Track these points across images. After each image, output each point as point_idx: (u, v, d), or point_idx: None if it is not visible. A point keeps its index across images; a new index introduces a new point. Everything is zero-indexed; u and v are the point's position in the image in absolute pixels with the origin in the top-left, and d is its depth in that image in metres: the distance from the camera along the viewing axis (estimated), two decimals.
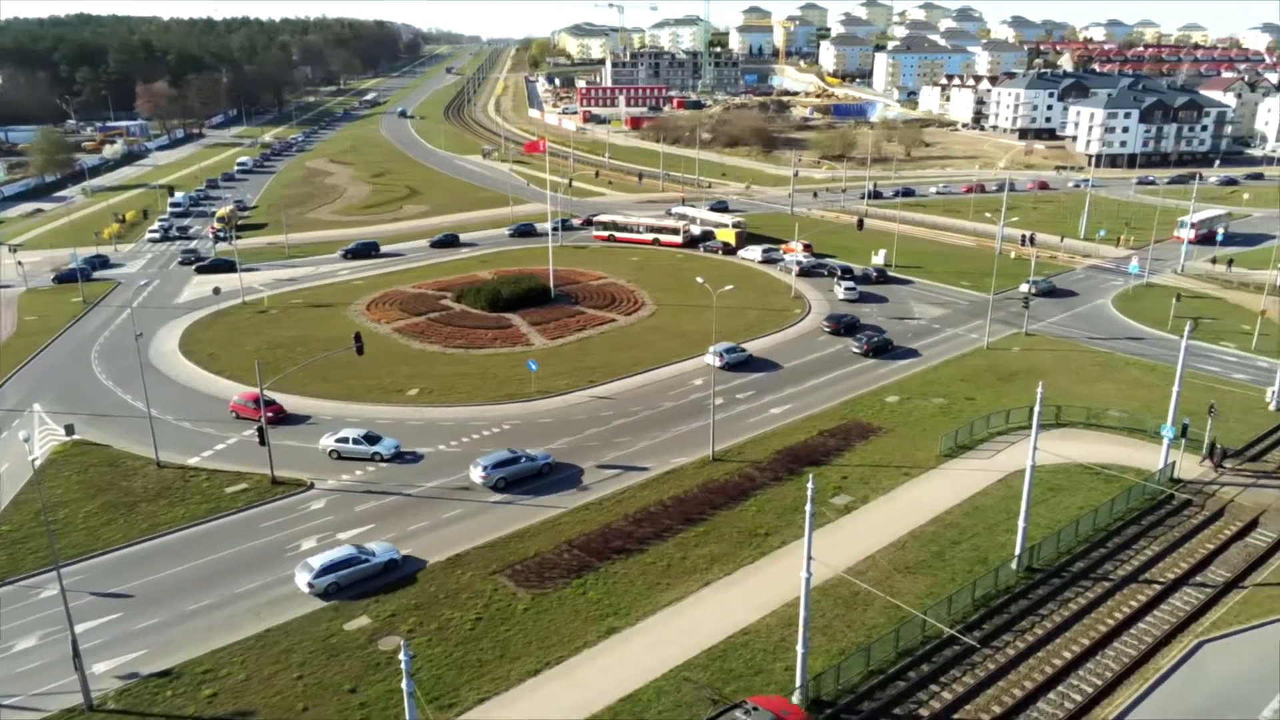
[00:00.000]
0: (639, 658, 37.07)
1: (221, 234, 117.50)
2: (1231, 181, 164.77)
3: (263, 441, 50.21)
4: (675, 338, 77.35)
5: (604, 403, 63.92)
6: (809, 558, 33.17)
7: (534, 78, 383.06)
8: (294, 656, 37.19)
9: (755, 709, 30.20)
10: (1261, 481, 51.81)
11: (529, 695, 35.15)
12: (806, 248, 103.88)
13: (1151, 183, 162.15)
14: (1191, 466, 53.42)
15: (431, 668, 36.42)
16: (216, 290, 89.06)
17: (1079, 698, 34.64)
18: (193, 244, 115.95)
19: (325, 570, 41.24)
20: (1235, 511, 48.57)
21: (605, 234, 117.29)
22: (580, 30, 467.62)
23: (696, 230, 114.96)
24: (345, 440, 54.91)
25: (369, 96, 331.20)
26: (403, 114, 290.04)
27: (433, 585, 41.97)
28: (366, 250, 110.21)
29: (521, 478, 51.70)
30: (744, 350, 72.24)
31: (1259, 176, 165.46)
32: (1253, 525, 47.18)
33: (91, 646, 37.19)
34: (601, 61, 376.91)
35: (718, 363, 69.12)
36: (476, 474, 51.33)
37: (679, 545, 45.43)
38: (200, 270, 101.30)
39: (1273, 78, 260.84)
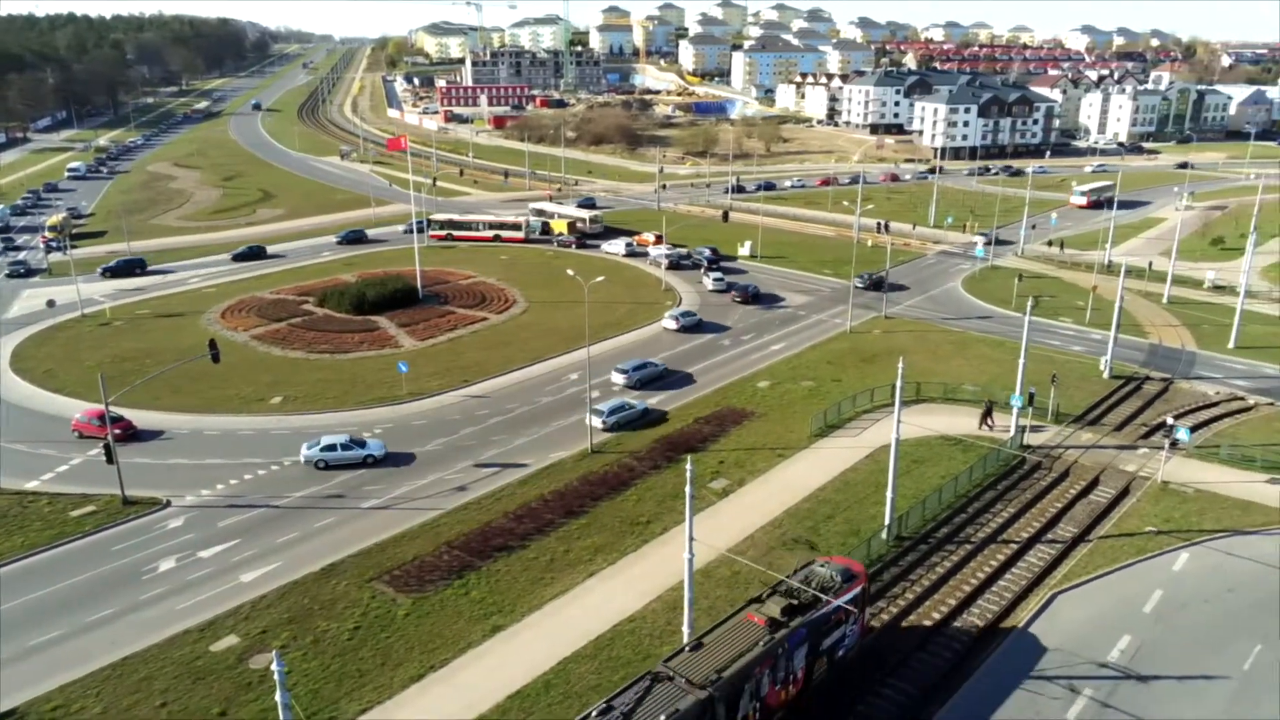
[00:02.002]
0: (525, 653, 36.64)
1: (55, 244, 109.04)
2: (1019, 173, 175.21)
3: (110, 460, 46.89)
4: (549, 334, 76.93)
5: (479, 401, 62.91)
6: (690, 539, 33.55)
7: (392, 77, 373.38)
8: (155, 684, 34.88)
9: (828, 563, 35.87)
10: (1101, 442, 55.95)
11: (413, 701, 34.17)
12: (658, 239, 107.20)
13: (986, 172, 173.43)
14: (1041, 432, 57.00)
15: (308, 682, 34.88)
16: (51, 303, 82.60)
17: (949, 654, 36.42)
18: (21, 255, 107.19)
19: (612, 412, 57.55)
20: (1079, 472, 52.19)
21: (442, 233, 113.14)
22: (438, 29, 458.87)
23: (536, 222, 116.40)
24: (333, 448, 52.47)
25: (201, 105, 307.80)
26: (256, 106, 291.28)
27: (305, 598, 40.24)
28: (130, 267, 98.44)
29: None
30: (695, 314, 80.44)
31: (1019, 172, 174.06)
32: (1094, 484, 50.79)
33: None
34: (461, 61, 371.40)
35: (674, 325, 78.05)
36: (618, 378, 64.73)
37: (561, 539, 45.18)
38: None
39: (1093, 75, 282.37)
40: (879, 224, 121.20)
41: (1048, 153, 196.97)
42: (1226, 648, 36.56)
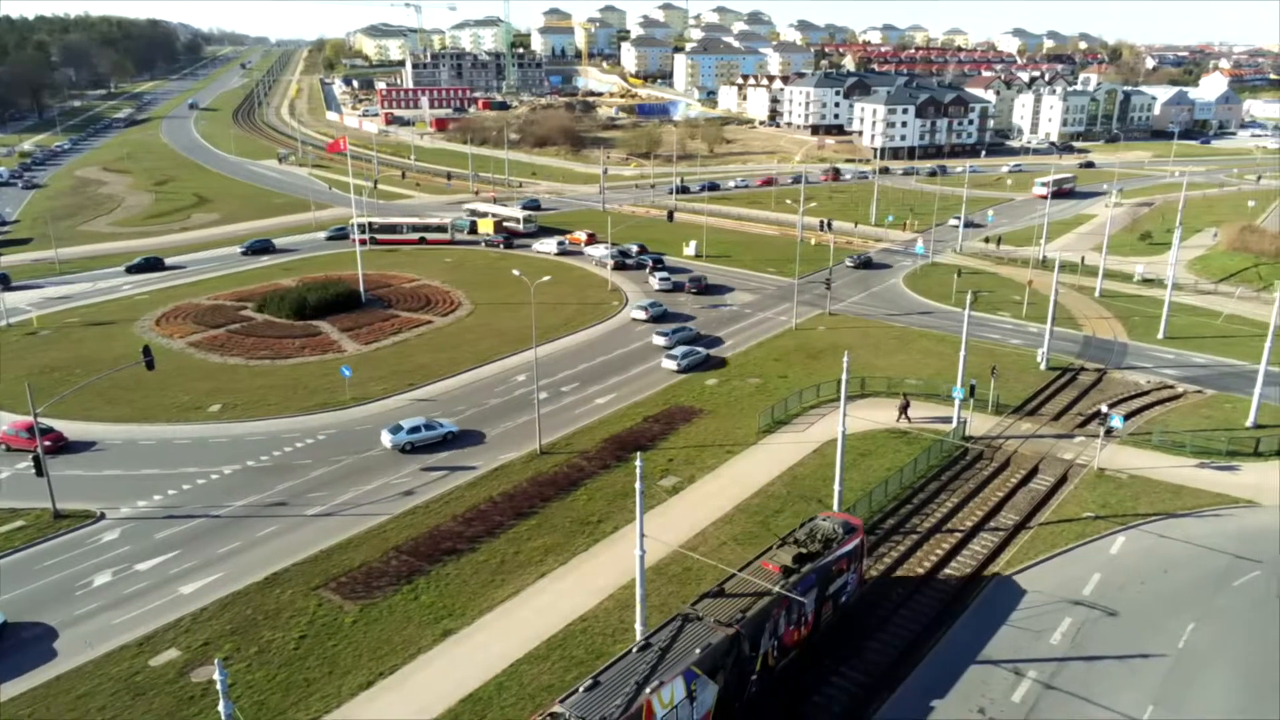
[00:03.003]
0: (477, 656, 36.23)
1: None
2: (941, 170, 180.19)
3: (40, 472, 45.24)
4: (495, 335, 76.35)
5: (426, 405, 62.09)
6: (641, 535, 33.50)
7: (330, 80, 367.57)
8: (93, 701, 33.69)
9: (829, 518, 38.77)
10: (1040, 432, 57.34)
11: (363, 709, 33.51)
12: (590, 237, 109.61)
13: (915, 172, 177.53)
14: (982, 423, 58.21)
15: (253, 694, 34.02)
16: None
17: (898, 643, 36.92)
18: None
19: (684, 356, 67.98)
20: (1019, 461, 53.42)
21: (364, 237, 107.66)
22: (377, 31, 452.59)
23: (463, 222, 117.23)
24: (417, 430, 55.23)
25: (122, 114, 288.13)
26: (193, 106, 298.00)
27: (249, 608, 39.26)
28: None
29: None
30: (662, 305, 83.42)
31: (941, 170, 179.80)
32: (1034, 472, 52.02)
33: None
34: (401, 63, 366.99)
35: (644, 315, 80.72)
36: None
37: (511, 540, 44.80)
38: None
39: (1024, 76, 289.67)
40: (821, 222, 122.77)
41: (983, 152, 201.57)
42: (1163, 626, 37.68)
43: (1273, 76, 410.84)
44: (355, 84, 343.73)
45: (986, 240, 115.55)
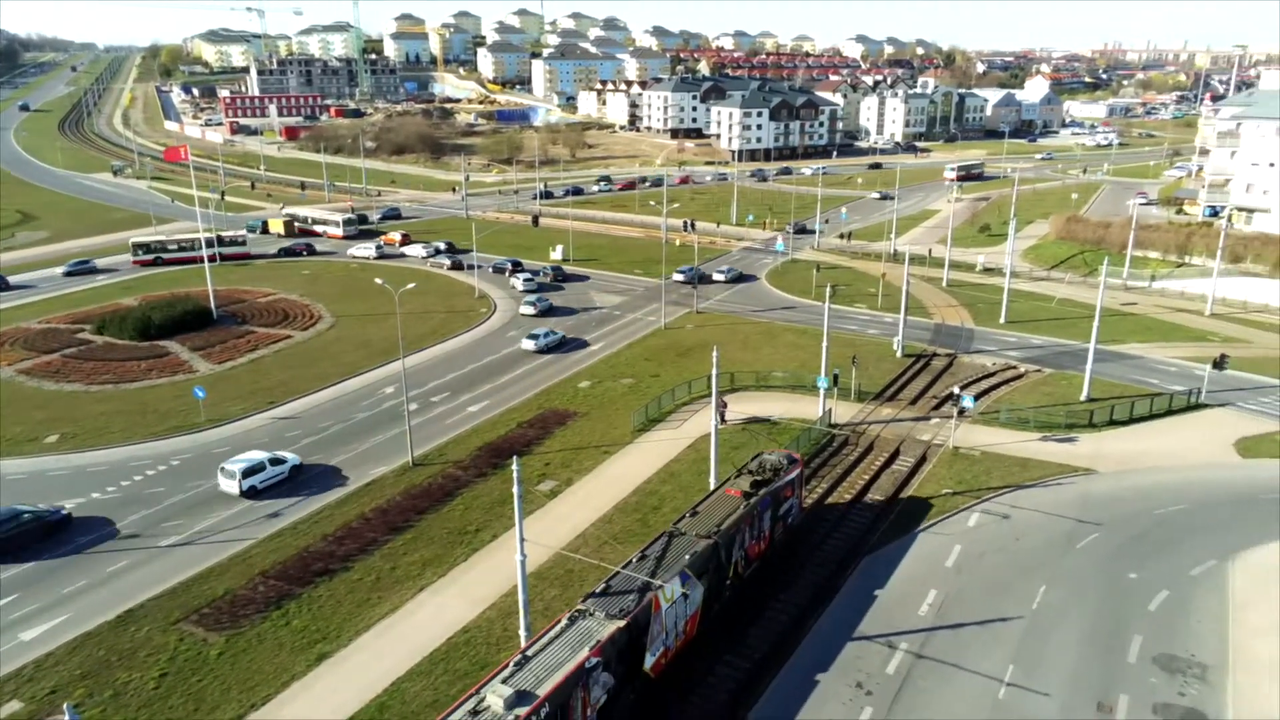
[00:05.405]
0: (356, 678, 34.93)
1: None
2: (787, 171, 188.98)
3: None
4: (360, 347, 73.98)
5: (288, 423, 59.50)
6: (521, 540, 33.14)
7: (167, 87, 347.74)
8: None
9: (775, 452, 45.26)
10: (899, 416, 60.16)
11: None
12: (404, 238, 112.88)
13: (759, 173, 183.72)
14: (846, 410, 60.54)
15: None
16: None
17: (779, 626, 37.91)
18: None
19: (729, 270, 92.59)
20: (881, 444, 55.84)
21: (149, 257, 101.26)
22: (217, 36, 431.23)
23: (256, 222, 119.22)
24: (550, 335, 73.36)
25: None
26: (24, 108, 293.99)
27: (101, 649, 36.56)
28: None
29: None
30: (549, 299, 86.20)
31: (787, 171, 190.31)
32: (896, 454, 54.50)
33: None
34: (245, 70, 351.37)
35: (532, 311, 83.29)
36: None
37: (387, 556, 43.47)
38: None
39: (869, 80, 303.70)
40: (685, 223, 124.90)
41: (834, 153, 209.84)
42: (1018, 591, 40.16)
43: (1088, 80, 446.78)
44: (196, 92, 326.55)
45: (841, 236, 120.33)
